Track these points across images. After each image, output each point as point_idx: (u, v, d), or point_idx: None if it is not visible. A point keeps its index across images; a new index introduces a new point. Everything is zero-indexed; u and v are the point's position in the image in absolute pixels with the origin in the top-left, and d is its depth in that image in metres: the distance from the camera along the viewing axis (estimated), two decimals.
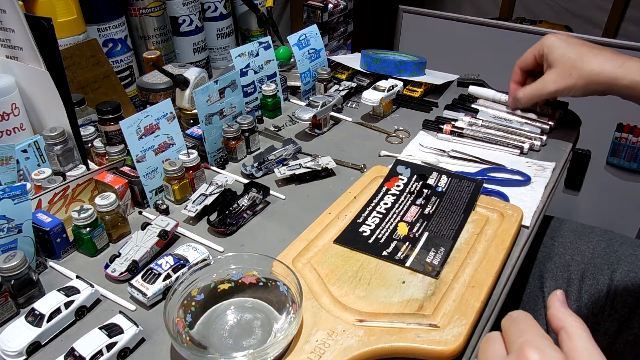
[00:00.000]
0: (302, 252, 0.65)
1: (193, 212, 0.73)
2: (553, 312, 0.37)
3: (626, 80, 0.76)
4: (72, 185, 0.71)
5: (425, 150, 0.90)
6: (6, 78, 0.77)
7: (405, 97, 1.07)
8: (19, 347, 0.54)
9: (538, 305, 0.85)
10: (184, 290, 0.57)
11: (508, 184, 0.80)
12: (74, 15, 0.95)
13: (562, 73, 0.81)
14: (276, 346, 0.51)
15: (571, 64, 0.80)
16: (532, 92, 0.87)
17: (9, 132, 0.78)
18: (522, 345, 0.34)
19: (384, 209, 0.72)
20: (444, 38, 1.60)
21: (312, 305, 0.57)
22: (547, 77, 0.84)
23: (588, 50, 0.80)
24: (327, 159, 0.83)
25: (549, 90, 0.84)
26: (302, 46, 1.05)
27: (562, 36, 0.84)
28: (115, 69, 1.03)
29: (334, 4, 1.36)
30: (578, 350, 0.34)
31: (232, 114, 0.89)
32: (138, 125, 0.73)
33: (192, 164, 0.79)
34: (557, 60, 0.82)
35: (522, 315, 0.37)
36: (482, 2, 2.43)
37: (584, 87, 0.80)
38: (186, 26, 1.18)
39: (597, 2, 2.13)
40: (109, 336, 0.53)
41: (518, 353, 0.34)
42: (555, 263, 0.86)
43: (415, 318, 0.55)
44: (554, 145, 0.91)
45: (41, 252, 0.66)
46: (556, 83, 0.82)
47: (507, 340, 0.37)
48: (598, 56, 0.79)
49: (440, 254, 0.64)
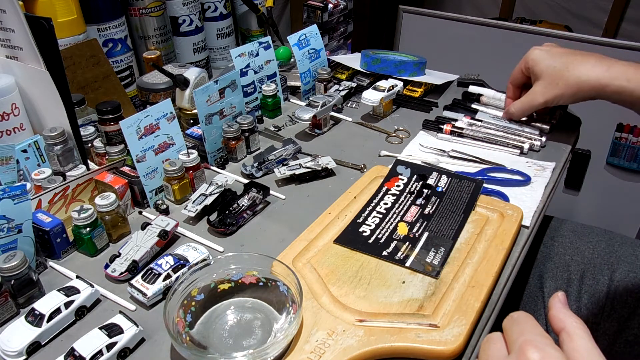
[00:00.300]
0: (302, 252, 0.65)
1: (193, 212, 0.73)
2: (554, 313, 0.37)
3: (613, 86, 0.77)
4: (72, 185, 0.71)
5: (425, 150, 0.90)
6: (6, 78, 0.77)
7: (405, 97, 1.07)
8: (19, 347, 0.54)
9: (538, 305, 0.85)
10: (184, 290, 0.57)
11: (508, 184, 0.80)
12: (74, 15, 0.95)
13: (549, 84, 0.83)
14: (276, 346, 0.51)
15: (557, 74, 0.82)
16: (522, 105, 0.89)
17: (9, 132, 0.78)
18: (522, 345, 0.34)
19: (384, 209, 0.72)
20: (444, 38, 1.60)
21: (312, 305, 0.57)
22: (535, 89, 0.86)
23: (572, 58, 0.81)
24: (327, 159, 0.83)
25: (538, 102, 0.85)
26: (302, 46, 1.05)
27: (546, 47, 0.85)
28: (115, 69, 1.03)
29: (334, 4, 1.36)
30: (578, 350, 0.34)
31: (232, 114, 0.89)
32: (138, 125, 0.73)
33: (192, 164, 0.79)
34: (542, 71, 0.84)
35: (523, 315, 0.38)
36: (482, 2, 2.43)
37: (573, 95, 0.82)
38: (186, 26, 1.18)
39: (597, 2, 2.13)
40: (109, 336, 0.53)
41: (519, 352, 0.34)
42: (555, 263, 0.86)
43: (415, 318, 0.55)
44: (554, 145, 0.91)
45: (41, 252, 0.66)
46: (544, 94, 0.84)
47: (508, 340, 0.37)
48: (583, 63, 0.80)
49: (440, 254, 0.64)
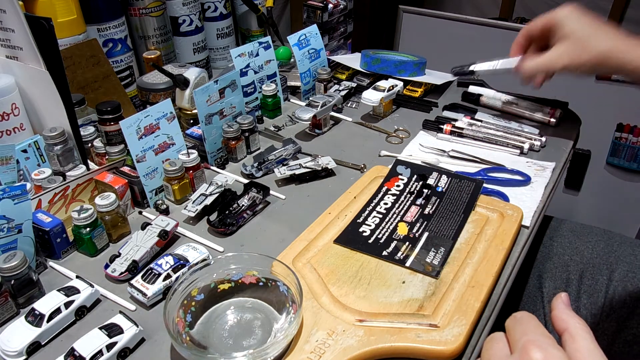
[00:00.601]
0: (302, 252, 0.65)
1: (193, 212, 0.73)
2: (557, 313, 0.37)
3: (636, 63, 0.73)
4: (72, 185, 0.71)
5: (425, 150, 0.90)
6: (6, 78, 0.77)
7: (405, 97, 1.07)
8: (19, 347, 0.54)
9: (537, 305, 0.85)
10: (184, 290, 0.57)
11: (508, 184, 0.80)
12: (74, 15, 0.95)
13: (576, 48, 0.77)
14: (276, 346, 0.51)
15: (584, 41, 0.76)
16: (538, 65, 0.81)
17: (9, 132, 0.78)
18: (525, 345, 0.34)
19: (384, 209, 0.72)
20: (444, 38, 1.60)
21: (312, 305, 0.57)
22: (558, 49, 0.78)
23: (601, 28, 0.76)
24: (327, 159, 0.83)
25: (559, 64, 0.78)
26: (302, 46, 1.05)
27: (577, 10, 0.78)
28: (115, 69, 1.03)
29: (334, 4, 1.36)
30: (581, 351, 0.34)
31: (232, 114, 0.89)
32: (138, 125, 0.73)
33: (192, 164, 0.79)
34: (568, 35, 0.77)
35: (525, 315, 0.38)
36: (482, 2, 2.43)
37: (594, 66, 0.77)
38: (186, 26, 1.18)
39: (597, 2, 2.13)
40: (109, 336, 0.53)
41: (521, 352, 0.34)
42: (554, 263, 0.86)
43: (415, 318, 0.55)
44: (554, 145, 0.91)
45: (41, 252, 0.66)
46: (568, 57, 0.77)
47: (510, 340, 0.37)
48: (610, 36, 0.75)
49: (440, 254, 0.64)
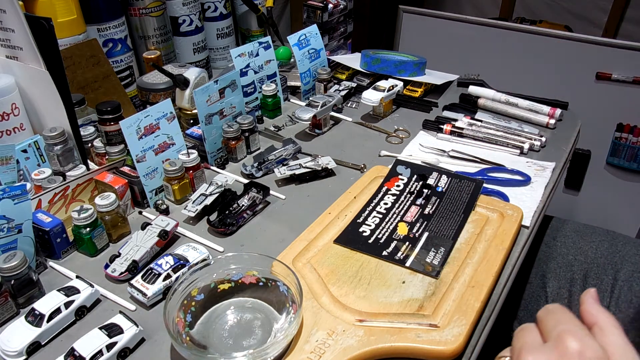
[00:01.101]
0: (302, 252, 0.65)
1: (193, 212, 0.73)
2: (586, 307, 0.36)
3: None
4: (72, 185, 0.71)
5: (425, 150, 0.90)
6: (6, 78, 0.77)
7: (405, 97, 1.07)
8: (19, 347, 0.54)
9: (540, 304, 0.85)
10: (184, 290, 0.57)
11: (508, 184, 0.80)
12: (74, 15, 0.95)
13: None
14: (276, 346, 0.51)
15: None
16: None
17: (9, 132, 0.78)
18: (561, 334, 0.34)
19: (384, 209, 0.72)
20: (444, 38, 1.60)
21: (312, 305, 0.57)
22: None
23: None
24: (327, 159, 0.83)
25: None
26: (302, 46, 1.05)
27: None
28: (115, 69, 1.03)
29: (334, 4, 1.36)
30: (611, 345, 0.33)
31: (232, 114, 0.89)
32: (138, 125, 0.73)
33: (192, 164, 0.78)
34: None
35: (558, 307, 0.37)
36: (482, 2, 2.43)
37: None
38: (186, 26, 1.18)
39: (597, 2, 2.13)
40: (109, 336, 0.53)
41: (557, 340, 0.34)
42: (558, 263, 0.86)
43: (415, 318, 0.55)
44: (554, 145, 0.91)
45: (41, 252, 0.66)
46: None
47: (543, 330, 0.36)
48: None
49: (440, 254, 0.63)
